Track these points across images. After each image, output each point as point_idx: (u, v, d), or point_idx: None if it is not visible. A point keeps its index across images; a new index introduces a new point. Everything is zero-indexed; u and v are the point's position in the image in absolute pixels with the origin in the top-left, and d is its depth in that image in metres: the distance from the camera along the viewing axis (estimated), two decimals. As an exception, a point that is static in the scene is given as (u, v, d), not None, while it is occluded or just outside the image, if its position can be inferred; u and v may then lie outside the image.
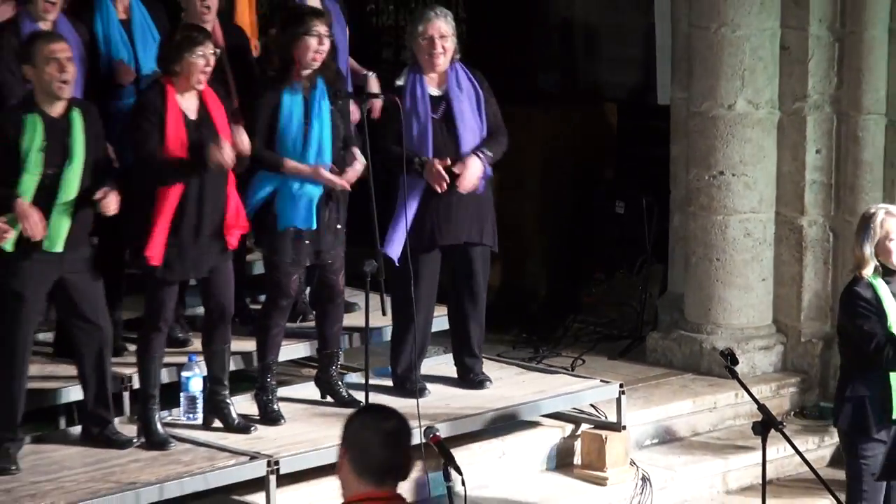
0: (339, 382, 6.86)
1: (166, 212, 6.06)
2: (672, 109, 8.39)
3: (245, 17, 7.73)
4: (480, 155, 6.90)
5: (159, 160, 6.14)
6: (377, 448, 3.10)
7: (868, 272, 5.94)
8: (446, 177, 6.75)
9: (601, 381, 7.56)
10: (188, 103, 6.15)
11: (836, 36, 7.91)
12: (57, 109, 5.83)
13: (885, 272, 5.93)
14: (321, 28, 6.49)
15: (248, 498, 6.32)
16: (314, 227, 6.56)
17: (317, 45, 6.40)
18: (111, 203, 5.91)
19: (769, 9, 7.94)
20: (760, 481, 5.85)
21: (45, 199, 5.79)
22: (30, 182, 5.78)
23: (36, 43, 5.96)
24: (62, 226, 5.90)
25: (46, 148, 5.82)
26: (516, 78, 9.46)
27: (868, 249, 5.87)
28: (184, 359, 6.65)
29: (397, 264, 6.89)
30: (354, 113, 6.81)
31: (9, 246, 5.85)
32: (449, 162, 6.78)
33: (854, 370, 6.06)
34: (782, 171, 8.13)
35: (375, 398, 6.52)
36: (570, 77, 10.17)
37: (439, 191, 6.85)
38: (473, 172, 6.81)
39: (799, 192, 8.09)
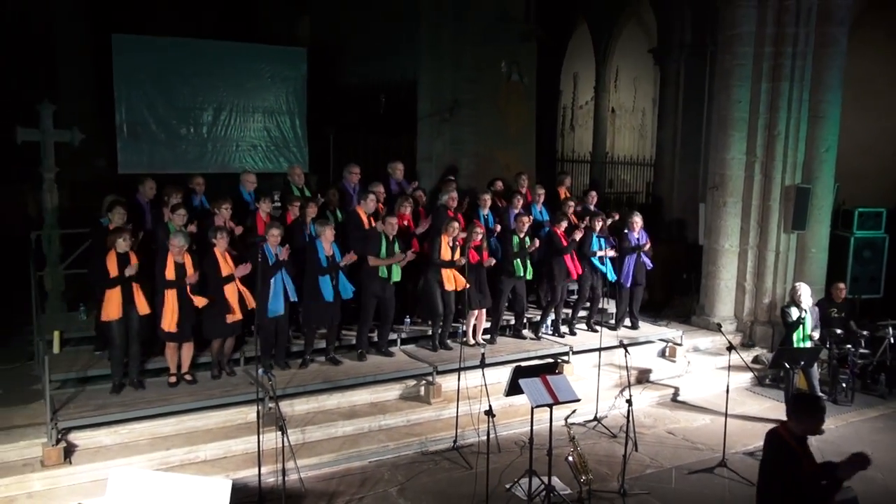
0: (596, 326, 11.87)
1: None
2: (705, 246, 12.94)
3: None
4: (647, 248, 11.72)
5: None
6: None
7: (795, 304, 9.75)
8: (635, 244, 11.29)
9: (676, 329, 12.32)
10: None
11: (760, 226, 12.52)
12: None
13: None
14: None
15: (562, 358, 10.98)
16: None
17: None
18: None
19: (735, 215, 12.43)
20: (727, 366, 9.48)
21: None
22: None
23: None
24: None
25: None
26: (654, 234, 13.09)
27: (787, 298, 10.04)
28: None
29: (627, 286, 11.88)
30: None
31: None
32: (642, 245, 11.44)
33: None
34: (739, 268, 12.78)
35: (602, 330, 11.22)
36: (672, 235, 15.75)
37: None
38: (649, 249, 11.64)
39: (744, 274, 12.71)
